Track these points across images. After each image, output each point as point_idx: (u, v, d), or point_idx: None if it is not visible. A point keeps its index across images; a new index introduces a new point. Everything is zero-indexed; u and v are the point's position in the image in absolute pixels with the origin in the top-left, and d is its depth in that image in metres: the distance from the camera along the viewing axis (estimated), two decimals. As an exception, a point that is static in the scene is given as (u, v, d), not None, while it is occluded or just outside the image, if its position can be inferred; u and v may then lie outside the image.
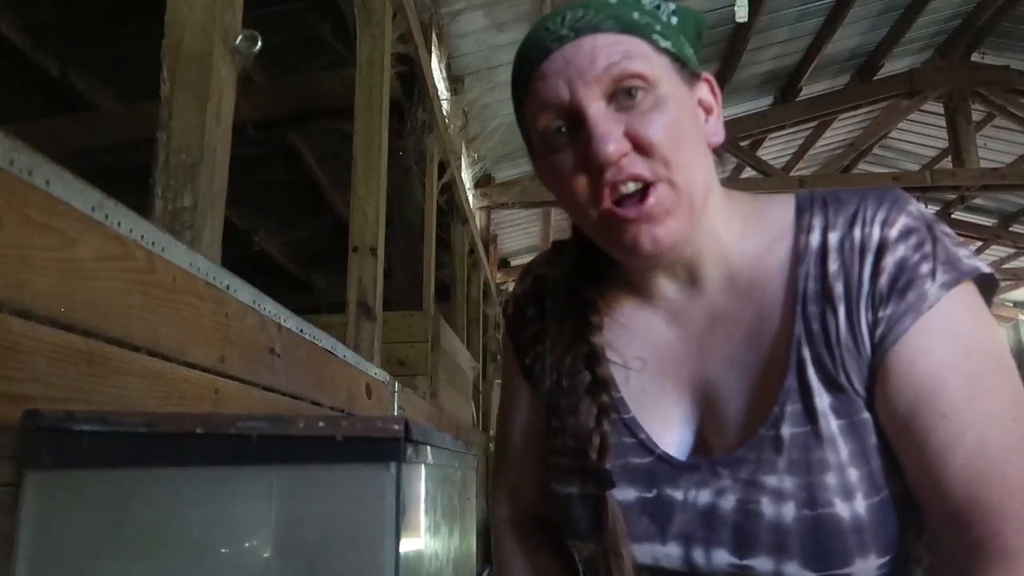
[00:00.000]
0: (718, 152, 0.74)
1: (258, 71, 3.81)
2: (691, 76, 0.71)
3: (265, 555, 0.67)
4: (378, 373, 2.20)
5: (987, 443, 0.60)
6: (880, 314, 0.64)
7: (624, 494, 0.70)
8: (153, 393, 0.95)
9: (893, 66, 6.92)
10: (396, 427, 0.70)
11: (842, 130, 7.93)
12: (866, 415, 0.64)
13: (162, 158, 1.25)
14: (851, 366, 0.64)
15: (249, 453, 0.68)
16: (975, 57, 6.90)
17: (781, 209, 0.73)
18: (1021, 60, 6.76)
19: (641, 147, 0.65)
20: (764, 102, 7.12)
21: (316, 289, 7.19)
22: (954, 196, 7.13)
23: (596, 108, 0.65)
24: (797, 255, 0.69)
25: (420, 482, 0.81)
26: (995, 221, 9.21)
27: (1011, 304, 12.49)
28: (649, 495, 0.69)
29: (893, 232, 0.65)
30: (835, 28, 5.95)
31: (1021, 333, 12.48)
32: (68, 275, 0.80)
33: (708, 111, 0.73)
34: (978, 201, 8.22)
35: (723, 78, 6.21)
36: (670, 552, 0.67)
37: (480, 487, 3.29)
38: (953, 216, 8.77)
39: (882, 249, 0.65)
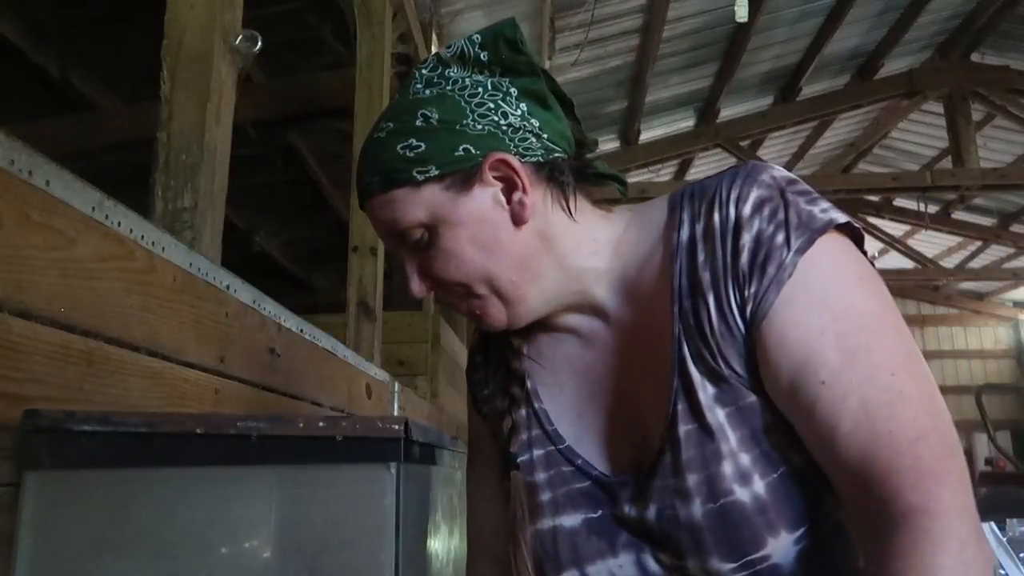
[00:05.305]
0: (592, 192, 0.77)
1: (258, 71, 3.80)
2: (468, 177, 0.69)
3: (265, 555, 0.67)
4: (378, 373, 2.20)
5: (869, 404, 0.60)
6: (747, 293, 0.64)
7: (572, 519, 0.73)
8: (153, 393, 0.95)
9: (893, 66, 6.90)
10: (396, 427, 0.70)
11: (842, 130, 7.92)
12: (752, 398, 0.65)
13: (162, 158, 1.25)
14: (729, 352, 0.65)
15: (249, 453, 0.68)
16: (975, 57, 6.88)
17: (657, 212, 0.74)
18: (1021, 60, 6.75)
19: (437, 284, 0.73)
20: (764, 102, 7.11)
21: (316, 289, 7.18)
22: (954, 196, 7.11)
23: (402, 253, 0.74)
24: (671, 253, 0.70)
25: (420, 482, 0.81)
26: (995, 221, 9.20)
27: (1011, 304, 12.49)
28: (595, 515, 0.72)
29: (747, 208, 0.65)
30: (835, 28, 5.94)
31: (1021, 333, 12.48)
32: (68, 275, 0.80)
33: (511, 189, 0.71)
34: (978, 201, 8.21)
35: (723, 78, 6.21)
36: (623, 563, 0.70)
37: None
38: (953, 216, 8.77)
39: (738, 228, 0.65)
